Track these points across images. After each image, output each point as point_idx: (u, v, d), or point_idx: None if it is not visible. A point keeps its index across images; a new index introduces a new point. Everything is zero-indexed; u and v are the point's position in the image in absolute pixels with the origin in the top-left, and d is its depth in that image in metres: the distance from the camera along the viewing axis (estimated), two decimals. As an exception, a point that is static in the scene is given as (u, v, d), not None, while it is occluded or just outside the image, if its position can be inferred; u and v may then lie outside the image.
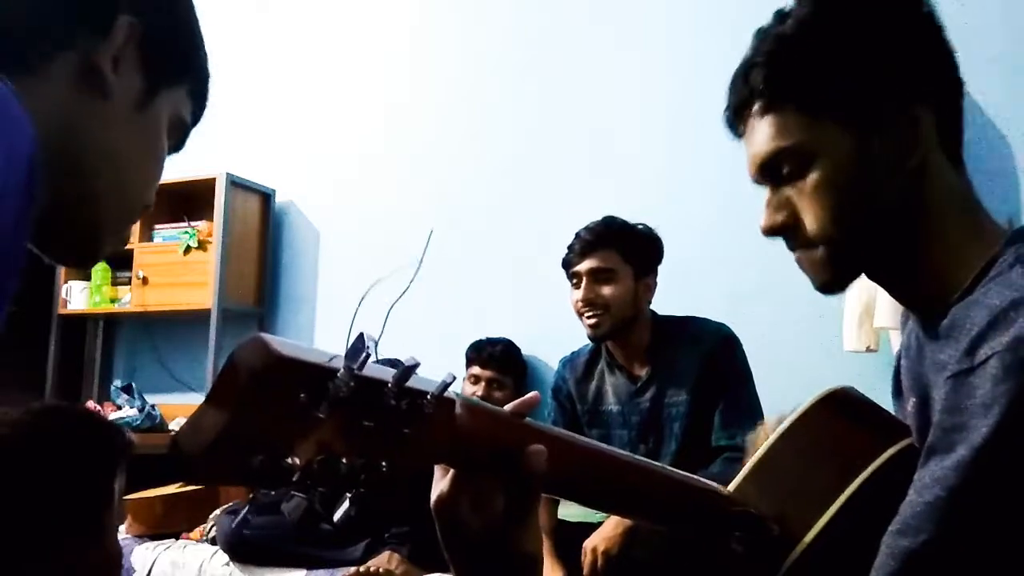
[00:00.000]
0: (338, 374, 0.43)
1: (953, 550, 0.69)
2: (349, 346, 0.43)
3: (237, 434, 0.41)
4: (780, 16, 0.84)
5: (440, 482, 0.63)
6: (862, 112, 0.80)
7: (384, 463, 0.50)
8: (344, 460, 0.47)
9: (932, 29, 0.83)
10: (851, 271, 0.86)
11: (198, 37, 0.75)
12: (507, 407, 0.64)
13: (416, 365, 0.48)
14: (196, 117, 0.78)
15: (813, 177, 0.81)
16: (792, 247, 0.86)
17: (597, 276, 2.23)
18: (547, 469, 0.61)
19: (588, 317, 2.24)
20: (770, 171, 0.84)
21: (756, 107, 0.84)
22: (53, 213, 0.64)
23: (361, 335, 0.44)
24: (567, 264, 2.30)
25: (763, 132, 0.83)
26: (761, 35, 0.84)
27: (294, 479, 0.44)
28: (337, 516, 0.49)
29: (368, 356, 0.43)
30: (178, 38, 0.72)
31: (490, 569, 0.63)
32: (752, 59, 0.84)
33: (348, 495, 0.50)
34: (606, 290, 2.22)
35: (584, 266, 2.24)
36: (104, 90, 0.65)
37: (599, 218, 2.32)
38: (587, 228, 2.29)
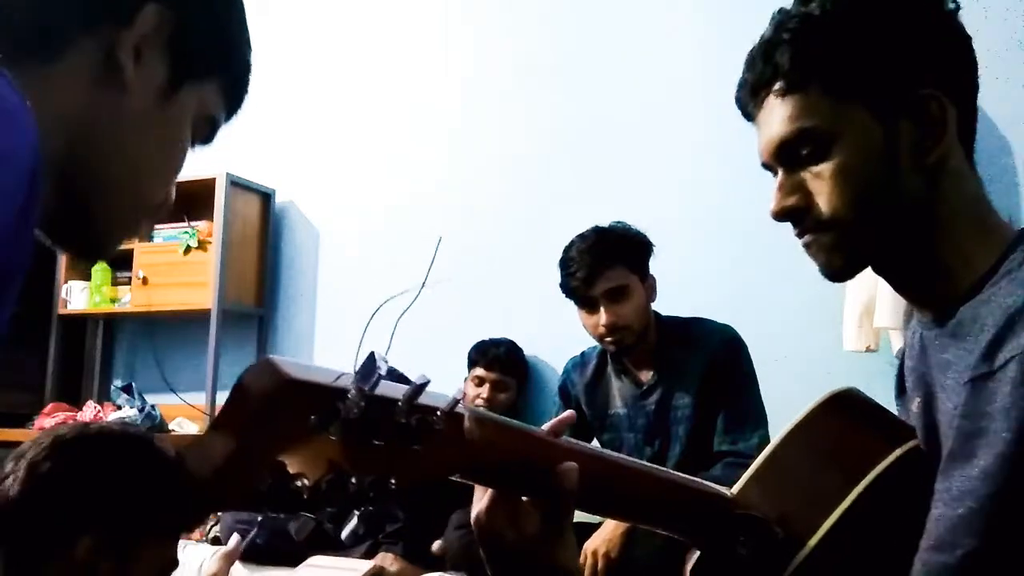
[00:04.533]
0: (349, 395, 0.43)
1: (992, 560, 0.68)
2: (360, 366, 0.43)
3: (246, 458, 0.41)
4: None
5: (480, 500, 0.65)
6: (891, 97, 0.79)
7: (393, 479, 0.50)
8: (353, 479, 0.47)
9: (957, 28, 0.83)
10: (860, 259, 0.85)
11: (236, 32, 0.71)
12: (545, 426, 0.67)
13: (426, 383, 0.47)
14: (231, 113, 0.75)
15: (834, 160, 0.79)
16: (800, 232, 0.85)
17: (614, 297, 2.14)
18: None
19: (610, 340, 2.17)
20: (787, 153, 0.82)
21: (778, 86, 0.81)
22: (62, 207, 0.62)
23: (372, 355, 0.43)
24: (573, 290, 2.18)
25: (784, 112, 0.81)
26: (784, 15, 0.82)
27: (303, 500, 0.44)
28: (345, 534, 0.49)
29: (380, 378, 0.43)
30: (210, 31, 0.68)
31: None
32: (775, 37, 0.82)
33: (356, 512, 0.49)
34: (625, 309, 2.14)
35: (598, 289, 2.13)
36: (122, 81, 0.62)
37: (585, 233, 2.21)
38: (586, 248, 2.16)
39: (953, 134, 0.80)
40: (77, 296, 3.79)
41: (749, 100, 0.86)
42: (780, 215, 0.84)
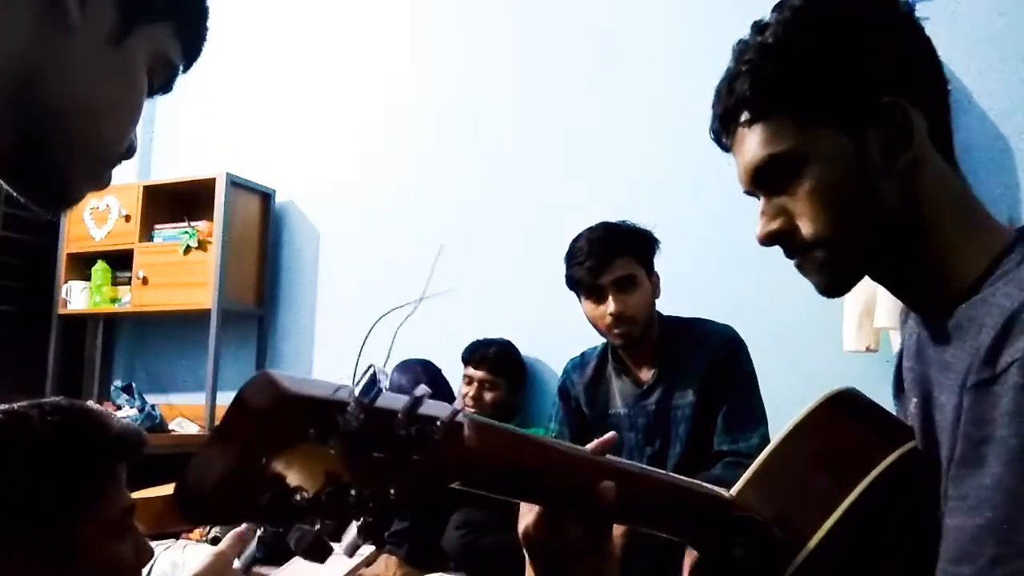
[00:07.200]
0: (348, 408, 0.43)
1: (1016, 565, 0.67)
2: (358, 379, 0.43)
3: (246, 473, 0.41)
4: (759, 27, 0.83)
5: (527, 515, 0.70)
6: (853, 112, 0.79)
7: (392, 490, 0.50)
8: (352, 491, 0.46)
9: (913, 29, 0.83)
10: (852, 273, 0.85)
11: None
12: (588, 447, 0.71)
13: (425, 395, 0.47)
14: (190, 58, 0.72)
15: (808, 181, 0.80)
16: (790, 254, 0.85)
17: (622, 287, 2.15)
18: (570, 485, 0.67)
19: (617, 331, 2.17)
20: (763, 179, 0.84)
21: (744, 117, 0.83)
22: (20, 156, 0.60)
23: (371, 368, 0.43)
24: (580, 280, 2.18)
25: (753, 140, 0.83)
26: (742, 46, 0.84)
27: (302, 513, 0.44)
28: (344, 545, 0.49)
29: (379, 391, 0.43)
30: None
31: None
32: (736, 69, 0.84)
33: (356, 523, 0.49)
34: (633, 299, 2.15)
35: (607, 278, 2.14)
36: (68, 24, 0.60)
37: (594, 226, 2.22)
38: (595, 238, 2.18)
39: (923, 137, 0.80)
40: (77, 296, 3.79)
41: (721, 132, 0.88)
42: (766, 240, 0.85)
